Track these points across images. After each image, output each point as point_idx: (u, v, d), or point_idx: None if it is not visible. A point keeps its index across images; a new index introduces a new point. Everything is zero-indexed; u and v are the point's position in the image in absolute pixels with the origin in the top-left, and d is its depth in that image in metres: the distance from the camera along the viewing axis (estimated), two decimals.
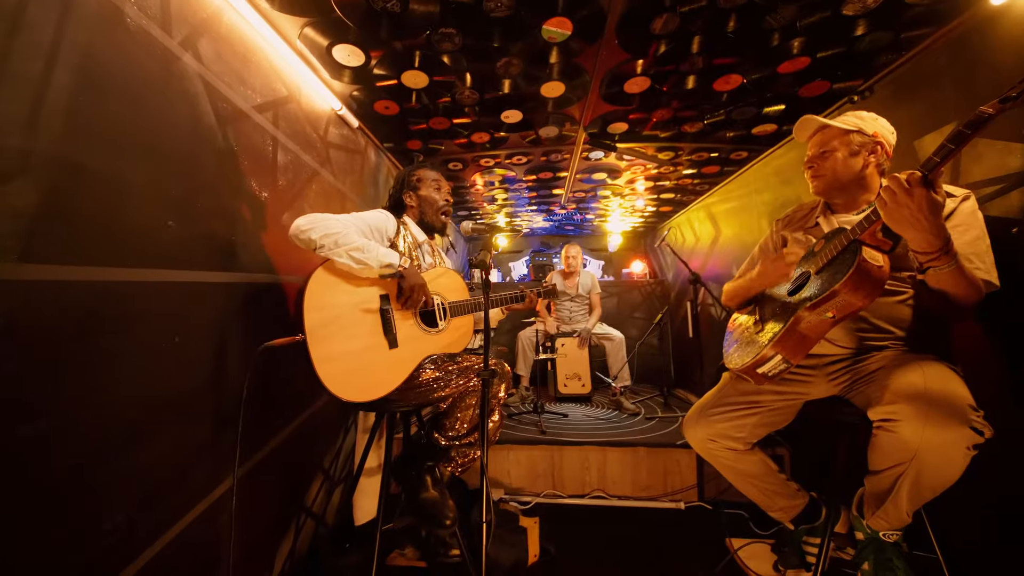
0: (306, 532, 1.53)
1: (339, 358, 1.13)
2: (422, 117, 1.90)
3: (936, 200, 0.88)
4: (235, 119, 1.17)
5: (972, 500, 1.32)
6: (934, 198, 0.88)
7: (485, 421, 1.01)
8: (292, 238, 1.13)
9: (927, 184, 0.88)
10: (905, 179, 0.89)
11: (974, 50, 1.27)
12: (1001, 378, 1.22)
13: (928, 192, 0.87)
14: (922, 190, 0.87)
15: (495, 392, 1.34)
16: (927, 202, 0.87)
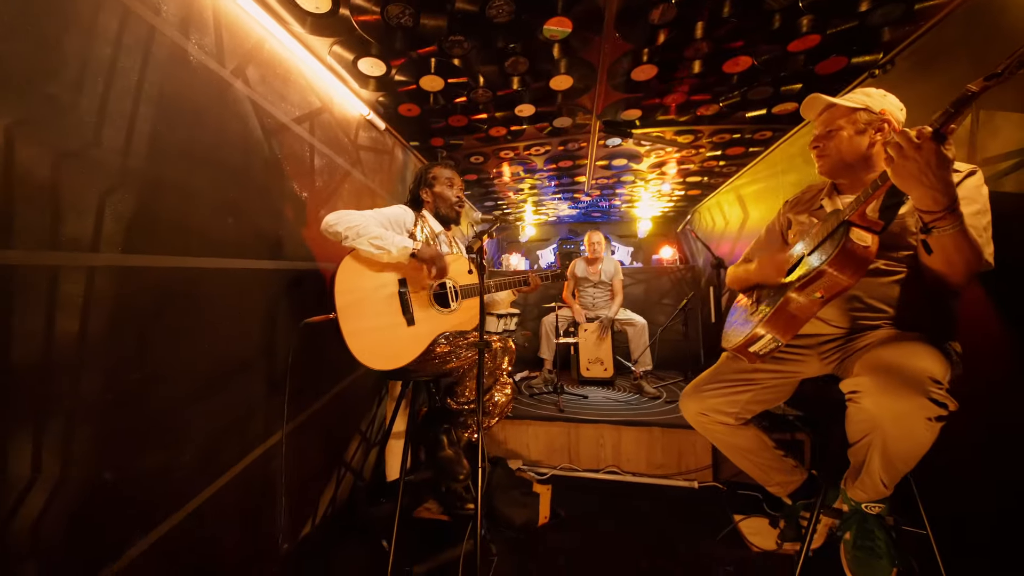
0: (346, 484, 1.78)
1: (365, 332, 1.33)
2: (441, 116, 2.06)
3: (945, 155, 0.85)
4: (278, 131, 1.38)
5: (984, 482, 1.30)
6: (943, 152, 0.85)
7: (482, 383, 1.16)
8: (323, 232, 1.33)
9: (938, 138, 0.85)
10: (915, 134, 0.86)
11: (991, 19, 1.20)
12: (1011, 362, 1.18)
13: (937, 147, 0.85)
14: (931, 144, 0.84)
15: (499, 364, 1.49)
16: (936, 157, 0.84)
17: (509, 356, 1.53)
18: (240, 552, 1.21)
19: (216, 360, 1.13)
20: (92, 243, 0.84)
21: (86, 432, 0.83)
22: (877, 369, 0.92)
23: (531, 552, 1.59)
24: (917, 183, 0.89)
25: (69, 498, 0.80)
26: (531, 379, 3.25)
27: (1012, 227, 1.15)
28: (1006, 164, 1.18)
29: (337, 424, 1.75)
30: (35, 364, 0.75)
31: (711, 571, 1.46)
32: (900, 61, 1.54)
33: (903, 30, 1.44)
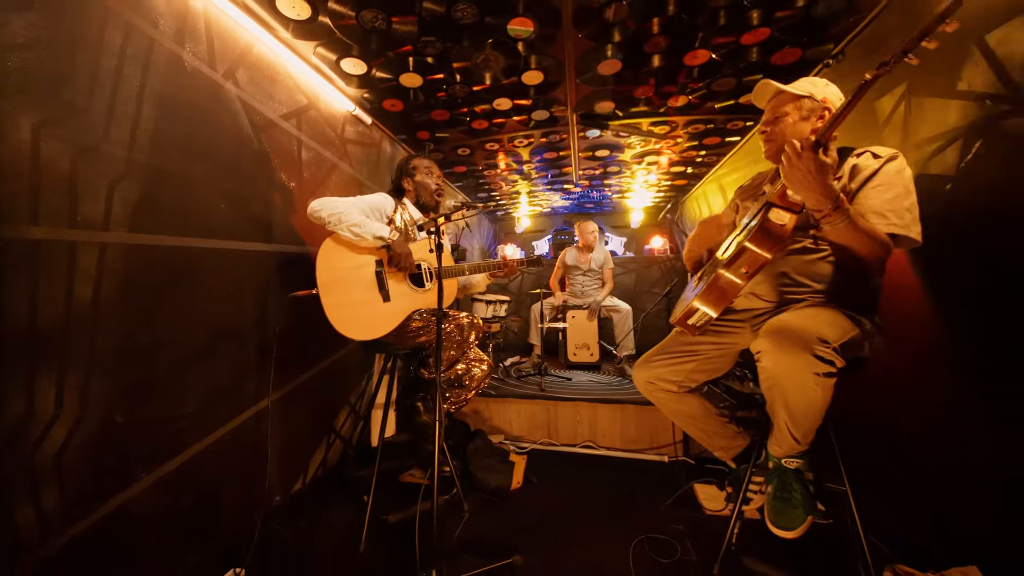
0: (335, 449, 1.96)
1: (345, 307, 1.48)
2: (424, 111, 2.19)
3: (823, 162, 0.98)
4: (267, 127, 1.54)
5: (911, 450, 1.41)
6: (821, 160, 0.97)
7: (440, 351, 1.30)
8: (309, 216, 1.49)
9: (815, 147, 0.99)
10: (799, 143, 1.00)
11: (923, 8, 1.28)
12: (940, 338, 1.28)
13: (815, 155, 0.97)
14: (810, 153, 0.98)
15: (466, 337, 1.63)
16: (814, 164, 0.97)
17: (476, 331, 1.67)
18: (236, 498, 1.40)
19: (213, 329, 1.30)
20: (103, 223, 1.00)
21: (100, 381, 1.00)
22: (774, 331, 1.03)
23: (501, 511, 1.75)
24: (802, 187, 1.01)
25: (86, 434, 0.98)
26: (521, 364, 3.39)
27: (934, 208, 1.24)
28: (932, 147, 1.26)
29: (327, 394, 1.92)
30: (57, 322, 0.92)
31: (664, 528, 1.60)
32: (850, 51, 1.62)
33: (848, 21, 1.52)
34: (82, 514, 0.96)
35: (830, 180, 1.01)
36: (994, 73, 1.04)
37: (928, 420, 1.32)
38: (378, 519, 1.54)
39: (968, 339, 1.18)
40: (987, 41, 1.05)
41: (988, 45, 1.05)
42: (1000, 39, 1.02)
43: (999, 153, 1.05)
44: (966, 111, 1.14)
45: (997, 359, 1.09)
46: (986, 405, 1.14)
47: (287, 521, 1.57)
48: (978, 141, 1.10)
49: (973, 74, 1.10)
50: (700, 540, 1.52)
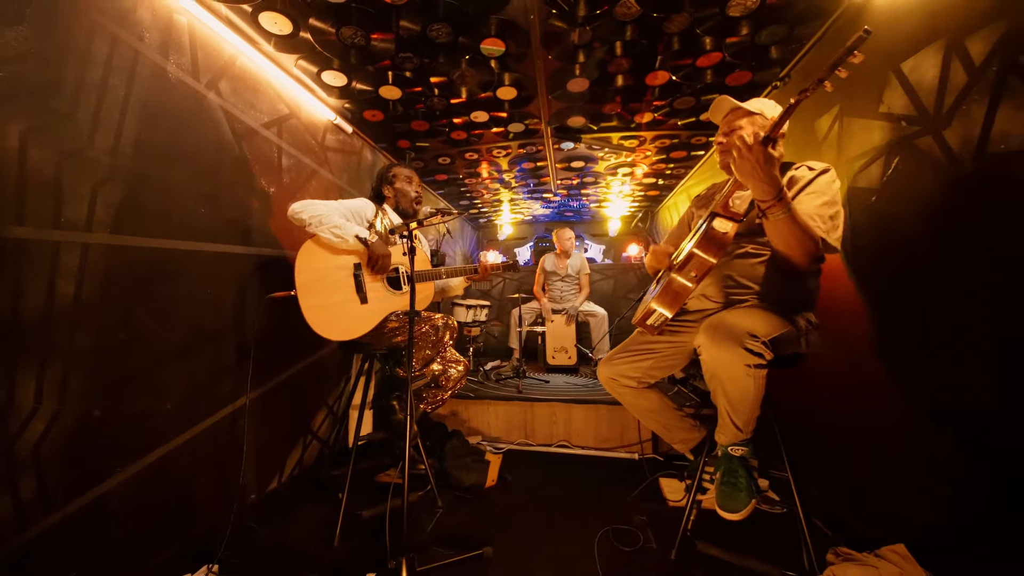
0: (312, 450, 1.99)
1: (322, 307, 1.54)
2: (404, 121, 2.28)
3: (770, 155, 1.07)
4: (248, 135, 1.60)
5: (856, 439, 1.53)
6: (770, 153, 1.07)
7: (411, 348, 1.37)
8: (289, 218, 1.55)
9: (764, 142, 1.08)
10: (750, 136, 1.09)
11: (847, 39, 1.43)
12: (869, 332, 1.41)
13: (764, 148, 1.07)
14: (759, 146, 1.07)
15: (441, 337, 1.70)
16: (764, 156, 1.07)
17: (451, 332, 1.74)
18: (211, 495, 1.43)
19: (192, 328, 1.35)
20: (86, 224, 1.05)
21: (79, 376, 1.04)
22: (709, 327, 1.14)
23: (474, 507, 1.81)
24: (750, 177, 1.11)
25: (64, 427, 1.02)
26: (501, 368, 3.46)
27: (864, 216, 1.38)
28: (860, 163, 1.41)
29: (305, 395, 1.96)
30: (39, 317, 0.97)
31: (629, 519, 1.68)
32: (794, 74, 1.78)
33: (791, 48, 1.68)
34: (59, 505, 0.99)
35: (775, 171, 1.10)
36: (907, 97, 1.19)
37: (861, 408, 1.44)
38: (352, 515, 1.59)
39: (891, 331, 1.31)
40: (902, 68, 1.19)
41: (903, 72, 1.19)
42: (912, 67, 1.16)
43: (912, 169, 1.18)
44: (887, 131, 1.28)
45: (915, 349, 1.22)
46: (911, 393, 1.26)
47: (262, 519, 1.60)
48: (896, 157, 1.24)
49: (892, 98, 1.25)
50: (661, 529, 1.60)
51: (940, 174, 1.09)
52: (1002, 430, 0.97)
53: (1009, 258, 0.94)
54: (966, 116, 1.01)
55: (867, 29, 0.92)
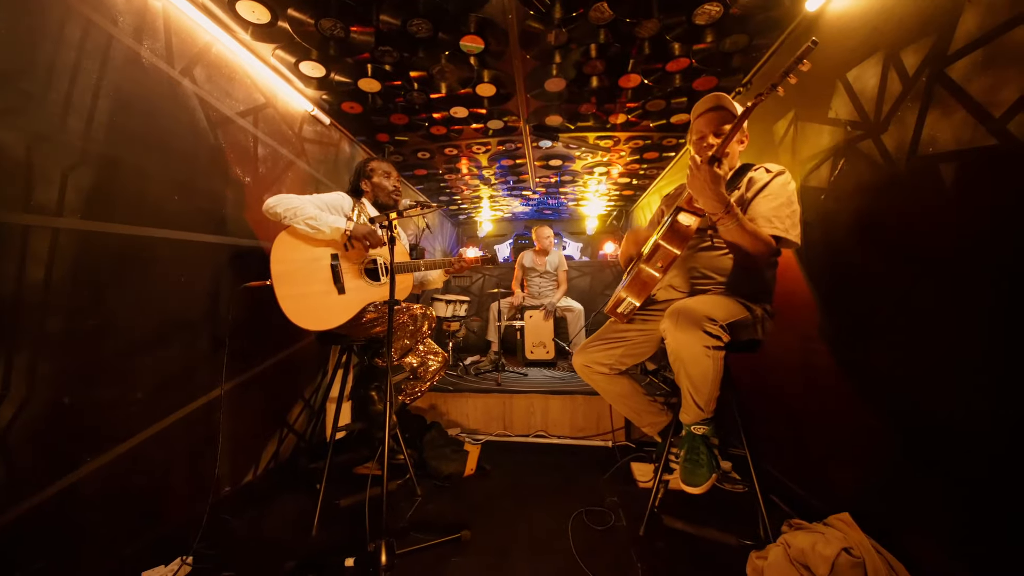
0: (288, 443, 1.98)
1: (298, 298, 1.55)
2: (383, 115, 2.29)
3: (716, 174, 1.19)
4: (223, 123, 1.59)
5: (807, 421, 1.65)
6: (715, 172, 1.19)
7: (391, 337, 1.40)
8: (264, 212, 1.55)
9: (711, 161, 1.20)
10: (699, 158, 1.21)
11: None
12: (818, 319, 1.53)
13: (711, 168, 1.19)
14: (707, 167, 1.19)
15: (420, 327, 1.74)
16: (710, 175, 1.18)
17: (429, 322, 1.78)
18: (185, 487, 1.41)
19: (165, 317, 1.33)
20: (57, 209, 1.04)
21: (48, 362, 1.03)
22: (672, 312, 1.22)
23: (453, 495, 1.85)
24: (700, 193, 1.21)
25: (33, 414, 1.00)
26: (479, 362, 3.51)
27: (811, 214, 1.50)
28: (810, 164, 1.53)
29: (281, 388, 1.95)
30: (8, 302, 0.95)
31: (601, 501, 1.76)
32: (756, 80, 1.90)
33: (751, 57, 1.79)
34: (28, 494, 0.98)
35: (722, 189, 1.22)
36: (852, 104, 1.30)
37: (811, 391, 1.57)
38: (330, 504, 1.60)
39: (834, 319, 1.44)
40: (847, 77, 1.31)
41: (848, 80, 1.31)
42: (856, 76, 1.28)
43: (855, 169, 1.30)
44: (834, 135, 1.40)
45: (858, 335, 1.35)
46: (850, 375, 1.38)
47: (237, 511, 1.59)
48: (842, 160, 1.36)
49: (839, 104, 1.37)
50: (631, 509, 1.69)
51: (878, 174, 1.21)
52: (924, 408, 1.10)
53: (931, 249, 1.05)
54: (901, 121, 1.13)
55: (815, 40, 1.02)
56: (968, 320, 0.97)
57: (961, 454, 1.01)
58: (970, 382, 0.97)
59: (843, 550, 1.14)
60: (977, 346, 0.95)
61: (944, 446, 1.05)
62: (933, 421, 1.08)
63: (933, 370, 1.07)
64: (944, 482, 1.06)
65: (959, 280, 0.98)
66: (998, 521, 0.93)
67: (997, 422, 0.91)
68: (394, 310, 1.71)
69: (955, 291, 0.99)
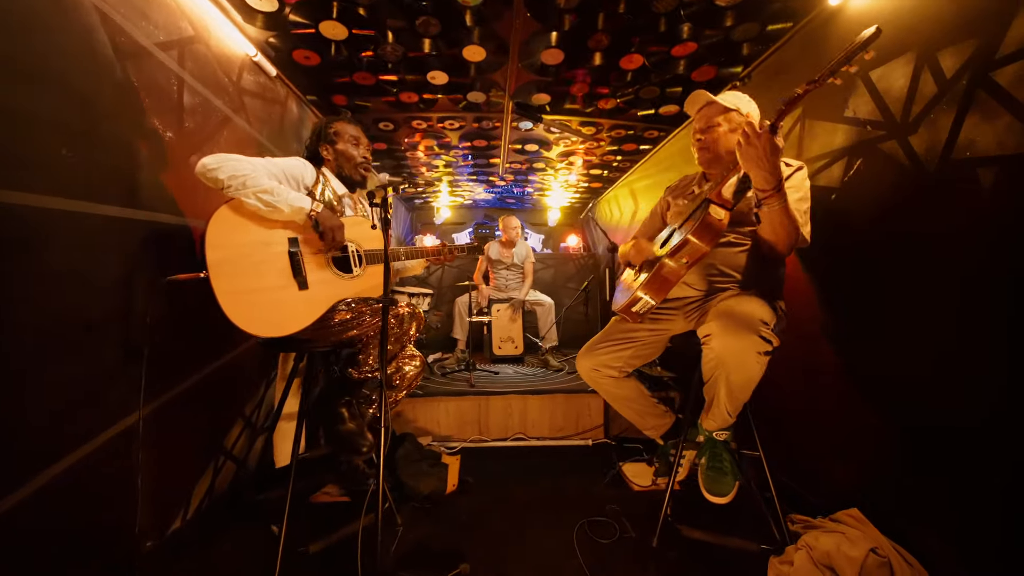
0: (226, 473, 1.59)
1: (246, 294, 1.19)
2: (345, 70, 1.91)
3: (776, 145, 1.08)
4: (136, 55, 1.15)
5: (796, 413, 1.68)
6: (775, 142, 1.07)
7: (385, 344, 1.13)
8: (199, 176, 1.15)
9: (772, 130, 1.07)
10: (758, 125, 1.08)
11: (818, 44, 1.53)
12: (820, 317, 1.54)
13: (771, 137, 1.07)
14: (767, 135, 1.06)
15: (406, 329, 1.46)
16: (770, 145, 1.06)
17: (417, 322, 1.51)
18: (94, 549, 1.02)
19: (55, 319, 0.92)
20: None
21: None
22: (722, 315, 1.12)
23: (438, 518, 1.62)
24: (756, 165, 1.10)
25: None
26: (444, 360, 3.24)
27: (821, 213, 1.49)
28: (820, 163, 1.51)
29: (216, 405, 1.55)
30: None
31: (601, 509, 1.64)
32: (756, 75, 1.87)
33: (757, 48, 1.75)
34: None
35: (779, 161, 1.11)
36: (874, 103, 1.29)
37: (811, 387, 1.59)
38: (293, 551, 1.28)
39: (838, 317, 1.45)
40: (871, 76, 1.29)
41: (872, 80, 1.29)
42: (881, 75, 1.25)
43: (875, 170, 1.29)
44: (850, 134, 1.38)
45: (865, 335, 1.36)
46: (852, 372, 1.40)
47: (164, 570, 1.21)
48: (859, 160, 1.35)
49: (858, 103, 1.35)
50: (635, 516, 1.60)
51: (902, 176, 1.20)
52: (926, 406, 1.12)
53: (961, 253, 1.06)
54: (932, 124, 1.11)
55: (879, 28, 0.94)
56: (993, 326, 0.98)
57: (967, 452, 1.04)
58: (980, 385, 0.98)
59: (870, 550, 1.14)
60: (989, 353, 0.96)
61: (951, 445, 1.08)
62: (940, 420, 1.11)
63: (945, 372, 1.09)
64: (951, 481, 1.10)
65: (991, 283, 0.99)
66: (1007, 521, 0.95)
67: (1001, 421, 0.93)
68: (378, 309, 1.42)
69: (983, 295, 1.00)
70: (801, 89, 1.07)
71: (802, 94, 1.07)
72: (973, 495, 1.05)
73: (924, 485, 1.18)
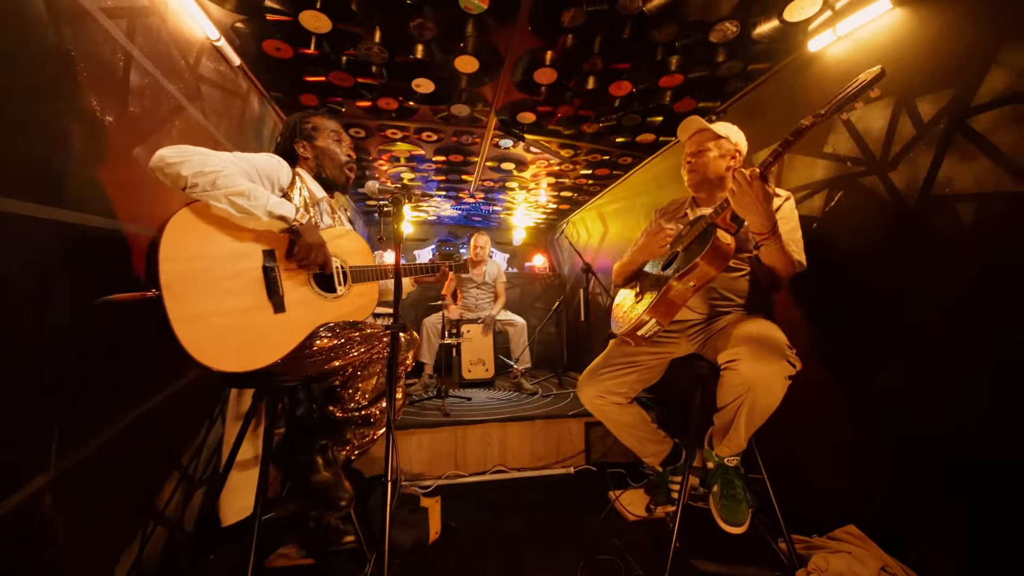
0: (157, 539, 1.26)
1: (208, 319, 0.96)
2: (322, 68, 1.73)
3: (768, 191, 1.13)
4: (75, 17, 0.91)
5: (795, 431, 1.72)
6: (767, 189, 1.13)
7: (394, 381, 0.96)
8: (154, 171, 0.93)
9: (763, 178, 1.13)
10: (748, 174, 1.13)
11: (793, 86, 1.65)
12: (808, 336, 1.61)
13: (763, 184, 1.12)
14: (759, 182, 1.12)
15: (403, 359, 1.29)
16: (762, 192, 1.12)
17: (413, 350, 1.34)
18: None
19: None
20: None
21: None
22: (749, 340, 1.11)
23: (423, 571, 1.41)
24: (750, 211, 1.14)
25: None
26: (408, 386, 2.99)
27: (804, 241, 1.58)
28: (801, 194, 1.61)
29: (146, 455, 1.23)
30: None
31: (600, 547, 1.54)
32: (732, 110, 1.99)
33: (737, 85, 1.86)
34: None
35: (771, 206, 1.16)
36: (854, 142, 1.40)
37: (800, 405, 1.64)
38: None
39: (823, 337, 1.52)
40: (849, 117, 1.40)
41: (851, 120, 1.40)
42: (859, 117, 1.37)
43: (856, 201, 1.39)
44: (830, 168, 1.49)
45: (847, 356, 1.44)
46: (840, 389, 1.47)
47: None
48: (840, 192, 1.45)
49: (837, 141, 1.46)
50: (636, 550, 1.52)
51: (883, 208, 1.31)
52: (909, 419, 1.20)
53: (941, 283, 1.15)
54: (912, 162, 1.22)
55: (883, 69, 1.01)
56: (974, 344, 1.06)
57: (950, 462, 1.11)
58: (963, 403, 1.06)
59: (881, 569, 1.16)
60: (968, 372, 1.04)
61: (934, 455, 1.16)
62: (927, 433, 1.18)
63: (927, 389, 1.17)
64: (943, 494, 1.16)
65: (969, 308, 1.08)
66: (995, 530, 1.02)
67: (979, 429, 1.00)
68: (368, 335, 1.23)
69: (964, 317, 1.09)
70: (808, 122, 1.12)
71: (809, 126, 1.12)
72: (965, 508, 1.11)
73: (917, 497, 1.23)
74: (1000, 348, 1.02)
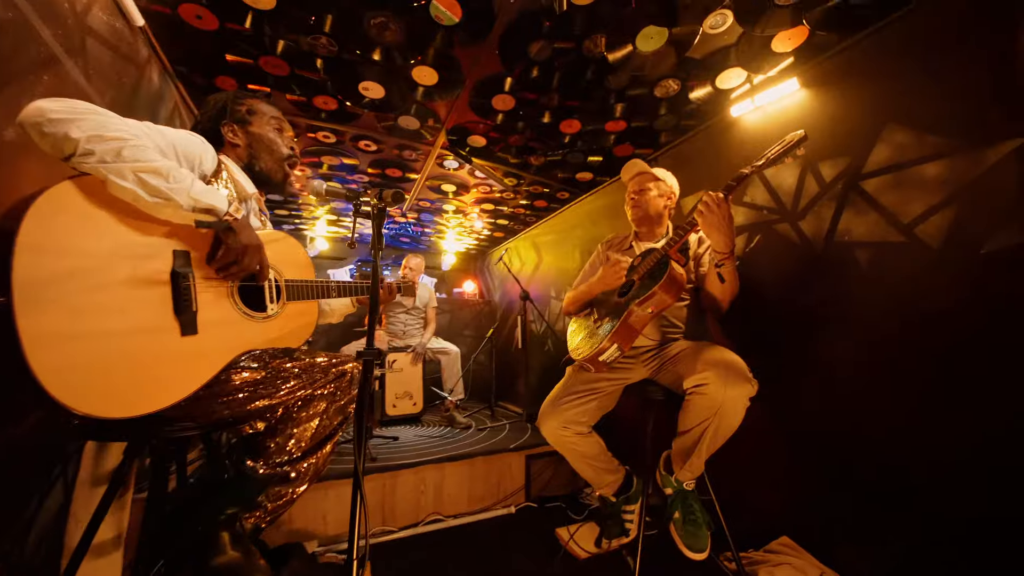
0: None
1: (78, 339, 0.68)
2: (252, 48, 1.48)
3: (731, 214, 1.25)
4: None
5: None
6: (730, 212, 1.25)
7: (364, 415, 0.77)
8: (26, 128, 0.65)
9: (727, 199, 1.25)
10: (716, 196, 1.25)
11: (717, 144, 1.91)
12: None
13: (728, 206, 1.24)
14: (726, 204, 1.24)
15: (354, 395, 1.07)
16: (728, 213, 1.24)
17: None
18: None
19: None
20: None
21: None
22: (716, 364, 1.17)
23: None
24: (716, 230, 1.25)
25: None
26: None
27: None
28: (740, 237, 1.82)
29: None
30: None
31: None
32: (662, 159, 2.22)
33: (669, 137, 2.09)
34: None
35: (734, 228, 1.28)
36: (769, 194, 1.64)
37: None
38: None
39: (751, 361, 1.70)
40: (765, 174, 1.65)
41: (766, 176, 1.65)
42: (774, 173, 1.62)
43: (771, 244, 1.62)
44: (749, 215, 1.72)
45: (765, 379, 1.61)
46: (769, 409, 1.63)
47: None
48: (758, 235, 1.68)
49: (755, 193, 1.70)
50: None
51: (794, 251, 1.54)
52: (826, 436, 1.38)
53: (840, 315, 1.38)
54: (817, 214, 1.47)
55: (805, 135, 1.21)
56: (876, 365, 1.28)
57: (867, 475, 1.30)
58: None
59: None
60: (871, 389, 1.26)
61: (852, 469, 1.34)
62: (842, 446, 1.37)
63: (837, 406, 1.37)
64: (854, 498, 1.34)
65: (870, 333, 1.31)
66: None
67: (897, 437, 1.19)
68: (308, 366, 1.00)
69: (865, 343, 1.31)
70: (748, 170, 1.28)
71: (748, 174, 1.28)
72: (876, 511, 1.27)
73: (838, 505, 1.38)
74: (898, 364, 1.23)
